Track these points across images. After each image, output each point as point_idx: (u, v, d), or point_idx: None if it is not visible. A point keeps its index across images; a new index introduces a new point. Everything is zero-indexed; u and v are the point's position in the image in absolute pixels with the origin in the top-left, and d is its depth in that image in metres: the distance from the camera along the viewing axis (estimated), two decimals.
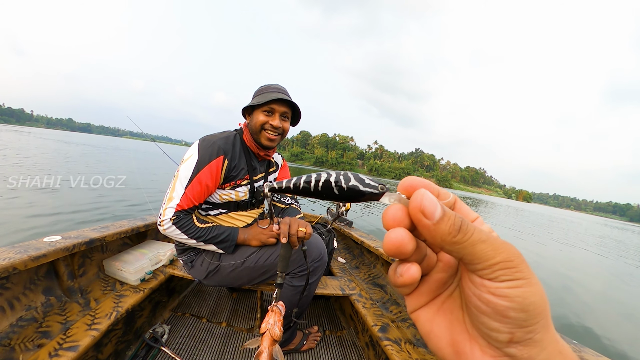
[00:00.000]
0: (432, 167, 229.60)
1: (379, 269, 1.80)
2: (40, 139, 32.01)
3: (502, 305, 0.17)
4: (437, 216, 0.18)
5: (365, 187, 0.22)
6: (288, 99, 1.17)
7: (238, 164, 1.20)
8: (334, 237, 1.79)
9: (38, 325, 0.97)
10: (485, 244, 0.18)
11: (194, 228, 1.11)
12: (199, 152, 1.12)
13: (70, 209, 4.76)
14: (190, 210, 1.12)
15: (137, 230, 1.48)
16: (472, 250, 0.18)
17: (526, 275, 0.17)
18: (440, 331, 0.23)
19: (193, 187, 1.09)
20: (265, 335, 0.80)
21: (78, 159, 14.58)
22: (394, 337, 1.22)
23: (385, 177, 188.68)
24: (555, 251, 9.31)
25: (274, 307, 0.87)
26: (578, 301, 4.33)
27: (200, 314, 1.65)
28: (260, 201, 1.35)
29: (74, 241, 1.11)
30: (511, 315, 0.17)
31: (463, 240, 0.18)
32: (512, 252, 0.18)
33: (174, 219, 1.08)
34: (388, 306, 1.47)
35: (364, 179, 0.23)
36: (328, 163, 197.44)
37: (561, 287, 4.93)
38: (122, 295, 1.22)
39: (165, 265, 1.50)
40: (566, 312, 3.76)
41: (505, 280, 0.17)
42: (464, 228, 0.18)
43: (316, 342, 1.50)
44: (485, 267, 0.18)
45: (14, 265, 0.88)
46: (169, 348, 1.32)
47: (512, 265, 0.17)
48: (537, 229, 16.59)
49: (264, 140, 1.21)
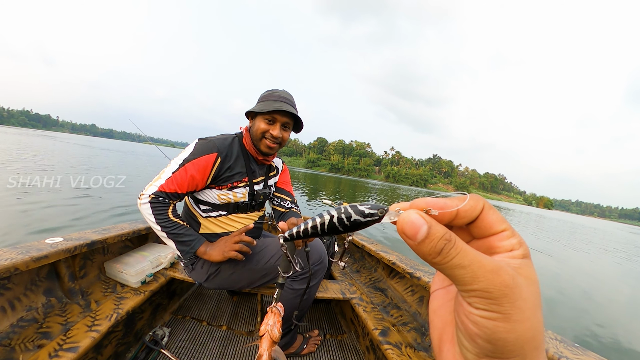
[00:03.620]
0: (450, 173, 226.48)
1: (380, 273, 1.79)
2: (66, 143, 33.19)
3: (471, 330, 0.18)
4: (420, 238, 0.19)
5: (367, 218, 0.23)
6: (290, 111, 1.16)
7: (233, 165, 1.20)
8: (335, 241, 1.78)
9: (38, 326, 0.97)
10: (465, 270, 0.18)
11: (164, 215, 1.09)
12: (194, 146, 1.14)
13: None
14: (171, 195, 1.10)
15: (139, 233, 1.49)
16: (450, 273, 0.18)
17: (504, 310, 0.17)
18: (437, 323, 0.24)
19: (179, 174, 1.10)
20: (264, 337, 0.79)
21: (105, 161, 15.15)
22: (394, 341, 1.21)
23: (402, 184, 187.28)
24: (583, 261, 8.95)
25: (273, 307, 0.86)
26: (606, 313, 4.22)
27: (200, 317, 1.65)
28: (260, 204, 1.36)
29: (76, 243, 1.12)
30: (478, 342, 0.18)
31: (442, 262, 0.18)
32: (494, 283, 0.17)
33: (152, 197, 1.08)
34: (389, 310, 1.46)
35: (363, 210, 0.23)
36: (344, 169, 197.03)
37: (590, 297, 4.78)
38: (122, 297, 1.22)
39: (166, 268, 1.50)
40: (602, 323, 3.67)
41: (479, 308, 0.17)
42: (445, 252, 0.18)
43: (316, 346, 1.49)
44: (464, 290, 0.18)
45: (15, 266, 0.88)
46: (169, 351, 1.32)
47: (489, 297, 0.17)
48: (558, 236, 16.02)
49: (263, 147, 1.22)
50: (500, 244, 0.20)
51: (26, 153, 13.63)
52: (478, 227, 0.21)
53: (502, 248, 0.20)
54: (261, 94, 1.26)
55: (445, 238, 0.19)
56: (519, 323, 0.17)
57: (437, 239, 0.19)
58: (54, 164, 10.76)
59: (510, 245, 0.20)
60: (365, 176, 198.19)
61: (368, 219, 0.23)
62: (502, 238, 0.20)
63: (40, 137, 43.42)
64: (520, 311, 0.17)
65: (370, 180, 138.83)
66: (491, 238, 0.21)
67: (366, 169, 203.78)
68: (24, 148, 16.59)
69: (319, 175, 79.37)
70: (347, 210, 0.24)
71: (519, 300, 0.17)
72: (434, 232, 0.19)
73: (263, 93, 1.26)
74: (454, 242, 0.18)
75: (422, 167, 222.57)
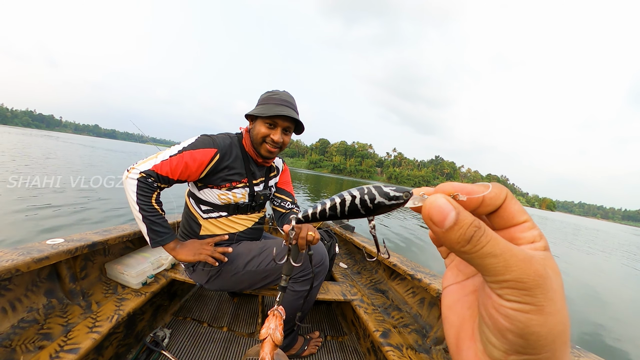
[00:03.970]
0: (452, 175, 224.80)
1: (381, 275, 1.79)
2: (70, 143, 33.62)
3: (502, 324, 0.17)
4: (448, 224, 0.18)
5: (391, 201, 0.22)
6: (292, 116, 1.15)
7: (232, 165, 1.19)
8: (336, 243, 1.78)
9: (39, 327, 0.97)
10: (497, 259, 0.17)
11: (147, 198, 1.05)
12: (196, 139, 1.13)
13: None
14: (162, 179, 1.06)
15: (139, 234, 1.49)
16: (481, 262, 0.17)
17: (538, 302, 0.16)
18: (454, 320, 0.23)
19: (175, 158, 1.07)
20: (266, 341, 0.78)
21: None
22: (395, 343, 1.20)
23: (404, 185, 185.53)
24: (586, 262, 8.80)
25: (274, 311, 0.85)
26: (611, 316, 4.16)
27: (201, 319, 1.65)
28: (260, 205, 1.35)
29: (77, 244, 1.12)
30: (509, 338, 0.17)
31: (472, 251, 0.17)
32: (528, 273, 0.16)
33: (142, 175, 1.03)
34: (390, 312, 1.46)
35: (388, 192, 0.22)
36: (346, 171, 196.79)
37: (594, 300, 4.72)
38: (123, 298, 1.22)
39: (167, 269, 1.50)
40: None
41: (511, 300, 0.16)
42: (475, 239, 0.17)
43: (317, 348, 1.48)
44: (494, 281, 0.17)
45: (16, 267, 0.88)
46: (170, 352, 1.31)
47: (522, 287, 0.16)
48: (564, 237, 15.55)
49: (263, 151, 1.21)
50: (521, 235, 0.19)
51: (32, 153, 13.77)
52: (501, 217, 0.20)
53: (524, 239, 0.19)
54: (261, 96, 1.22)
55: (475, 225, 0.18)
56: (551, 316, 0.16)
57: (466, 225, 0.18)
58: (61, 165, 10.88)
59: (532, 237, 0.19)
60: (368, 177, 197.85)
61: (393, 202, 0.22)
62: (523, 229, 0.20)
63: (43, 138, 43.76)
64: (552, 303, 0.16)
65: (372, 182, 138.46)
66: (512, 229, 0.20)
67: (368, 170, 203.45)
68: (27, 148, 16.71)
69: (321, 176, 79.17)
70: (372, 191, 0.22)
71: (551, 292, 0.16)
72: (462, 218, 0.18)
73: (263, 94, 1.22)
74: (484, 230, 0.17)
75: (425, 168, 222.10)
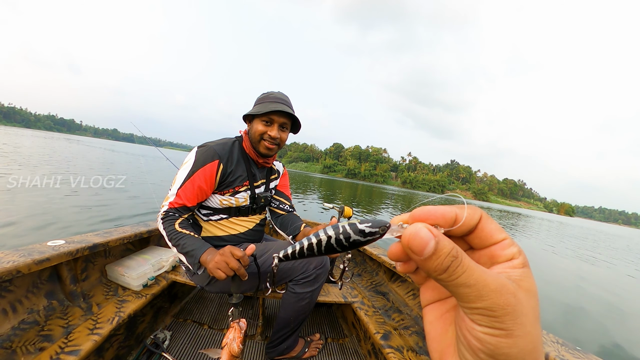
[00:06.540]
0: (468, 179, 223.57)
1: (381, 277, 1.78)
2: (92, 147, 34.78)
3: (474, 345, 0.18)
4: (427, 253, 0.18)
5: (367, 237, 0.22)
6: (287, 111, 1.17)
7: (235, 170, 1.21)
8: None
9: (40, 329, 0.97)
10: (470, 289, 0.18)
11: (171, 228, 1.09)
12: (195, 156, 1.15)
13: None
14: (182, 210, 1.13)
15: (140, 236, 1.49)
16: (455, 290, 0.18)
17: (507, 327, 0.17)
18: (436, 335, 0.23)
19: (186, 188, 1.12)
20: (223, 350, 0.84)
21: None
22: (396, 345, 1.20)
23: (419, 190, 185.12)
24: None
25: (235, 323, 0.89)
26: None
27: (201, 321, 1.64)
28: (261, 207, 1.36)
29: (77, 246, 1.12)
30: (481, 357, 0.18)
31: (448, 280, 0.18)
32: (498, 303, 0.17)
33: (163, 215, 1.11)
34: (390, 314, 1.46)
35: (363, 229, 0.22)
36: (360, 175, 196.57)
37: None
38: (124, 300, 1.22)
39: (168, 271, 1.50)
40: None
41: (482, 325, 0.17)
42: (451, 270, 0.18)
43: (318, 350, 1.48)
44: (467, 307, 0.18)
45: (17, 269, 0.89)
46: (170, 354, 1.31)
47: (492, 315, 0.17)
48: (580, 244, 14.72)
49: (262, 149, 1.23)
50: (501, 252, 0.20)
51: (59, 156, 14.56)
52: (478, 237, 0.21)
53: (504, 257, 0.20)
54: (257, 97, 1.27)
55: (452, 255, 0.18)
56: (520, 338, 0.17)
57: (444, 255, 0.18)
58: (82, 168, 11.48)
59: (511, 254, 0.20)
60: (382, 182, 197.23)
61: (369, 237, 0.22)
62: (503, 247, 0.20)
63: (65, 141, 45.48)
64: (521, 327, 0.17)
65: (386, 186, 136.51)
66: (492, 247, 0.21)
67: (383, 175, 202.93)
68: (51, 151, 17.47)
69: (335, 180, 78.73)
70: (346, 230, 0.23)
71: (521, 317, 0.17)
72: (441, 247, 0.18)
73: (259, 96, 1.27)
74: (461, 260, 0.18)
75: (440, 173, 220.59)
